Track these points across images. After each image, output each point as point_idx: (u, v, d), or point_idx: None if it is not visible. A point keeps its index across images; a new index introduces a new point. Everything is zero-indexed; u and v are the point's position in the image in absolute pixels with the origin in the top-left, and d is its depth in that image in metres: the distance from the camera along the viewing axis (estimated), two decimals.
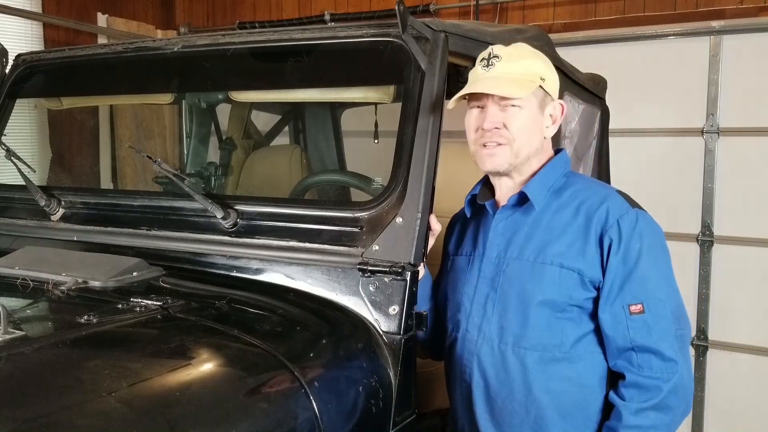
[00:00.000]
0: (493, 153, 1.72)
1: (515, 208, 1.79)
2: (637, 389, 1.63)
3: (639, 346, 1.63)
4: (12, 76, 2.51)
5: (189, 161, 3.25)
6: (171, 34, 5.60)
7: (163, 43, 2.24)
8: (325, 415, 1.44)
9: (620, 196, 1.73)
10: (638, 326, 1.63)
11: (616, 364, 1.68)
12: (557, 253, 1.69)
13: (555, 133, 1.83)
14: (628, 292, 1.65)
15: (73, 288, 1.75)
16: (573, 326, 1.69)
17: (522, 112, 1.71)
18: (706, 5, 4.00)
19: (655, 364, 1.62)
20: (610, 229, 1.66)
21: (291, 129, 3.58)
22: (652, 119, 3.92)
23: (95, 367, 1.31)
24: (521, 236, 1.75)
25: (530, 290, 1.70)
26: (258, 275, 1.87)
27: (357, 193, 2.65)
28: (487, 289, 1.77)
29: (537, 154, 1.77)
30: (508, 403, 1.72)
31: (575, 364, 1.69)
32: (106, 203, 2.23)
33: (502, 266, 1.76)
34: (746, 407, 3.75)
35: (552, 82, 1.76)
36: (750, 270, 3.74)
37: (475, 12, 4.65)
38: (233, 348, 1.49)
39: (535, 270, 1.70)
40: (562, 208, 1.74)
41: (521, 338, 1.70)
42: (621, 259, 1.65)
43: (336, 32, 1.95)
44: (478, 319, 1.77)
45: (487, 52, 1.74)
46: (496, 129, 1.71)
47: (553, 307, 1.68)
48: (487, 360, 1.74)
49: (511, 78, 1.69)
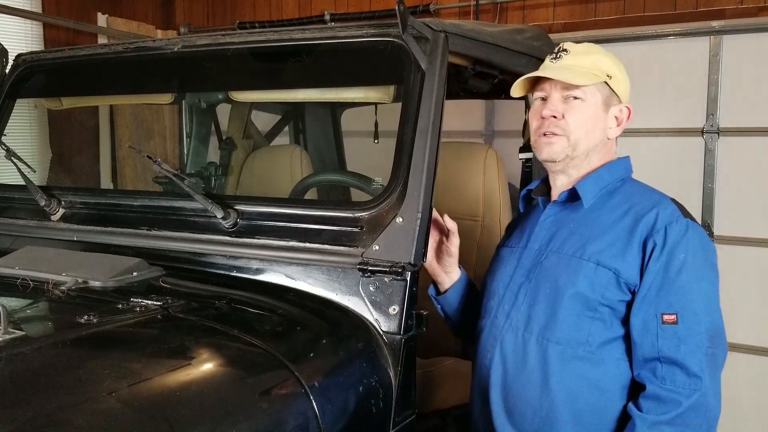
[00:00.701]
0: (551, 141, 1.72)
1: (566, 204, 1.79)
2: (656, 401, 1.56)
3: (665, 357, 1.57)
4: (12, 76, 2.51)
5: (189, 161, 3.25)
6: (171, 34, 5.60)
7: (163, 43, 2.24)
8: (325, 415, 1.44)
9: (674, 204, 1.69)
10: (668, 336, 1.57)
11: (639, 375, 1.62)
12: (596, 251, 1.67)
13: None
14: (663, 299, 1.59)
15: (73, 288, 1.75)
16: (602, 327, 1.65)
17: (583, 105, 1.70)
18: (706, 5, 4.00)
19: (679, 378, 1.56)
20: (656, 234, 1.62)
21: (291, 129, 3.58)
22: (652, 119, 3.92)
23: (95, 367, 1.32)
24: (565, 231, 1.75)
25: (563, 283, 1.67)
26: (258, 275, 1.87)
27: (357, 193, 2.65)
28: (522, 279, 1.77)
29: (597, 153, 1.76)
30: (522, 393, 1.70)
31: (597, 367, 1.64)
32: (106, 203, 2.24)
33: (541, 258, 1.75)
34: (746, 407, 3.75)
35: (620, 83, 1.74)
36: (750, 270, 3.74)
37: (475, 12, 4.65)
38: (233, 348, 1.49)
39: (572, 264, 1.68)
40: (612, 209, 1.72)
41: (546, 329, 1.68)
42: (662, 265, 1.60)
43: (336, 32, 1.95)
44: (508, 306, 1.76)
45: (557, 47, 1.76)
46: (553, 118, 1.71)
47: (584, 303, 1.65)
48: (509, 346, 1.73)
49: (575, 69, 1.70)
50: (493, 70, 2.15)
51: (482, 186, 2.72)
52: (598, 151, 1.77)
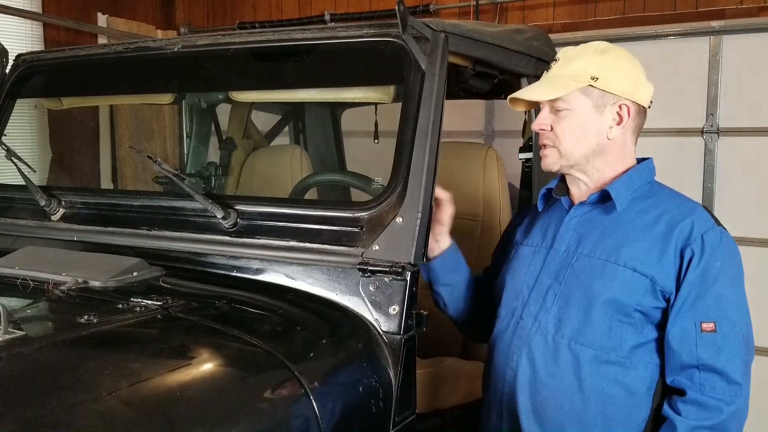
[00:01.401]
0: (545, 153, 1.76)
1: (594, 205, 1.77)
2: (697, 407, 1.58)
3: (705, 364, 1.59)
4: (12, 76, 2.51)
5: (189, 161, 3.25)
6: (171, 34, 5.60)
7: (163, 43, 2.24)
8: (325, 415, 1.44)
9: (706, 212, 1.71)
10: (707, 344, 1.59)
11: (674, 380, 1.64)
12: (632, 257, 1.66)
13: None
14: (701, 308, 1.61)
15: (73, 288, 1.76)
16: (634, 332, 1.66)
17: (570, 115, 1.71)
18: (706, 5, 4.00)
19: (719, 386, 1.58)
20: (693, 242, 1.63)
21: (291, 129, 3.58)
22: (652, 119, 3.87)
23: (95, 367, 1.31)
24: (596, 234, 1.73)
25: (598, 288, 1.67)
26: (258, 275, 1.87)
27: (357, 193, 2.65)
28: (549, 281, 1.75)
29: (602, 156, 1.75)
30: (554, 396, 1.69)
31: (629, 371, 1.66)
32: (106, 203, 2.24)
33: (570, 260, 1.74)
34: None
35: (614, 80, 1.71)
36: (750, 270, 3.72)
37: (475, 12, 4.65)
38: (233, 348, 1.49)
39: (607, 269, 1.67)
40: (644, 213, 1.72)
41: (579, 334, 1.67)
42: (700, 274, 1.61)
43: (336, 32, 1.95)
44: (536, 308, 1.75)
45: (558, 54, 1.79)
46: (542, 131, 1.74)
47: (617, 309, 1.65)
48: (538, 350, 1.72)
49: (555, 80, 1.71)
50: (493, 70, 2.15)
51: (482, 186, 2.72)
52: (600, 153, 1.75)
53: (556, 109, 1.72)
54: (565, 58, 1.74)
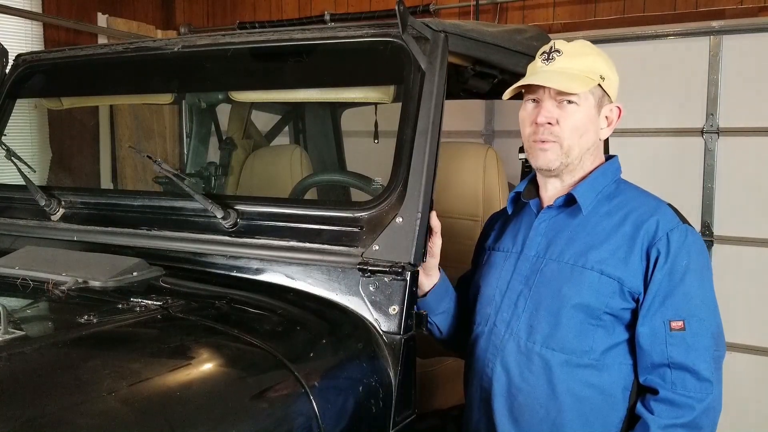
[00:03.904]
0: (545, 148, 1.70)
1: (561, 209, 1.77)
2: (669, 405, 1.59)
3: (675, 363, 1.60)
4: (12, 76, 2.51)
5: (189, 161, 3.25)
6: (171, 34, 5.60)
7: (163, 43, 2.24)
8: (324, 415, 1.44)
9: (671, 210, 1.70)
10: (677, 343, 1.60)
11: (647, 379, 1.64)
12: (599, 260, 1.66)
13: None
14: (670, 307, 1.62)
15: (73, 288, 1.76)
16: (605, 334, 1.66)
17: (577, 110, 1.69)
18: (706, 5, 4.00)
19: (690, 383, 1.59)
20: (659, 241, 1.63)
21: (291, 129, 3.58)
22: (652, 119, 3.92)
23: (95, 367, 1.31)
24: (563, 238, 1.73)
25: (567, 293, 1.67)
26: (258, 275, 1.87)
27: (357, 193, 2.65)
28: (520, 287, 1.75)
29: (590, 156, 1.75)
30: (529, 401, 1.70)
31: (602, 372, 1.66)
32: (106, 203, 2.23)
33: (540, 266, 1.73)
34: (746, 407, 3.75)
35: (612, 82, 1.73)
36: (750, 270, 3.74)
37: (475, 12, 4.65)
38: (233, 348, 1.49)
39: (575, 273, 1.67)
40: (610, 215, 1.71)
41: (550, 339, 1.68)
42: (667, 273, 1.62)
43: (336, 32, 1.95)
44: (507, 315, 1.75)
45: (548, 46, 1.74)
46: (548, 125, 1.69)
47: (587, 312, 1.65)
48: (511, 356, 1.72)
49: (570, 73, 1.68)
50: (493, 70, 2.15)
51: (482, 186, 2.71)
52: (590, 153, 1.75)
53: (564, 101, 1.69)
54: (567, 52, 1.72)
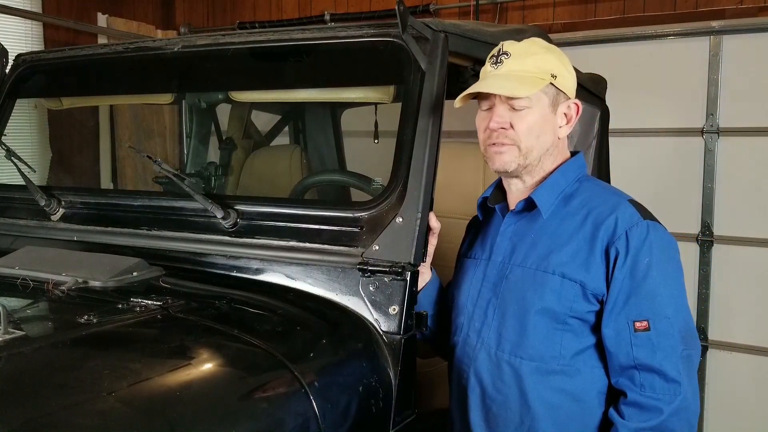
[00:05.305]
0: (501, 151, 1.67)
1: (523, 213, 1.74)
2: (637, 409, 1.56)
3: (642, 364, 1.56)
4: (12, 76, 2.51)
5: (189, 161, 3.25)
6: (171, 34, 5.60)
7: (163, 43, 2.24)
8: (325, 415, 1.44)
9: (632, 206, 1.64)
10: (642, 344, 1.56)
11: (617, 382, 1.61)
12: (560, 263, 1.63)
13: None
14: (633, 307, 1.57)
15: (73, 288, 1.76)
16: (573, 339, 1.63)
17: (531, 112, 1.65)
18: (706, 5, 4.00)
19: (658, 385, 1.55)
20: (617, 240, 1.58)
21: (291, 129, 3.58)
22: (652, 119, 3.92)
23: (95, 367, 1.32)
24: (527, 243, 1.71)
25: (530, 298, 1.65)
26: (258, 275, 1.87)
27: (357, 193, 2.65)
28: (489, 294, 1.74)
29: (550, 155, 1.72)
30: (503, 411, 1.68)
31: (573, 378, 1.63)
32: (106, 203, 2.24)
33: (506, 272, 1.71)
34: (746, 407, 3.75)
35: (566, 79, 1.69)
36: (750, 270, 3.74)
37: (475, 12, 4.65)
38: (233, 348, 1.49)
39: (537, 278, 1.65)
40: (571, 216, 1.68)
41: (518, 347, 1.65)
42: (628, 272, 1.57)
43: (336, 32, 1.95)
44: (479, 324, 1.74)
45: (497, 49, 1.70)
46: (502, 129, 1.65)
47: (552, 317, 1.63)
48: (483, 366, 1.71)
49: (518, 76, 1.64)
50: None
51: (482, 186, 2.71)
52: (551, 153, 1.72)
53: (514, 106, 1.65)
54: (516, 53, 1.68)
